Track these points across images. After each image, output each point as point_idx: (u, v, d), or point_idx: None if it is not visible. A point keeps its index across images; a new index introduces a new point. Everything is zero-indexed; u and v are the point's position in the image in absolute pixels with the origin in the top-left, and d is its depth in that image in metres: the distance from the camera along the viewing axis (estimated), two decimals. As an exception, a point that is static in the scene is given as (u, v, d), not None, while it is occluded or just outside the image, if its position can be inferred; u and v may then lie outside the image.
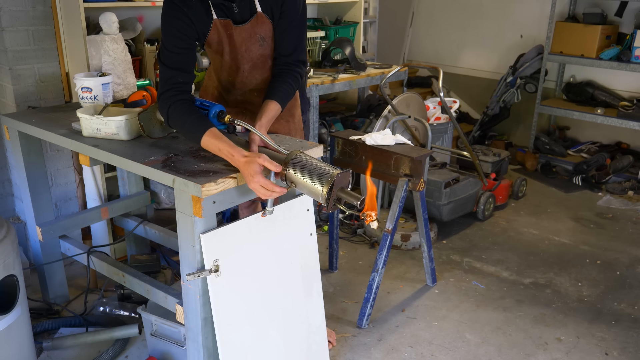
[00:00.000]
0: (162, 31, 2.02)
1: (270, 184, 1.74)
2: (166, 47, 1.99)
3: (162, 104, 1.97)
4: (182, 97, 1.95)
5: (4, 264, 1.99)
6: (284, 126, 2.33)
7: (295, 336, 2.16)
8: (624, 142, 4.79)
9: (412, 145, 2.82)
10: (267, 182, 1.74)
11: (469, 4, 5.49)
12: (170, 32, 1.99)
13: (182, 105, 1.93)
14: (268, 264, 2.02)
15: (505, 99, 4.91)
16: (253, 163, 1.74)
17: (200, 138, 1.87)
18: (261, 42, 2.15)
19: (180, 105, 1.93)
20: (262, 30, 2.12)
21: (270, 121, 2.03)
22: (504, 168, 4.23)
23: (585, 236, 3.72)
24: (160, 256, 2.99)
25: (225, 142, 1.84)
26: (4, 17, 2.71)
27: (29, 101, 2.86)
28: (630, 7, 4.51)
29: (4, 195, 3.15)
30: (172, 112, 1.94)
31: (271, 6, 2.09)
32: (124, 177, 2.92)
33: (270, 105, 2.04)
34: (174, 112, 1.93)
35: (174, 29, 1.99)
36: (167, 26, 2.00)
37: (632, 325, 2.77)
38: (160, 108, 2.00)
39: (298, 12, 2.13)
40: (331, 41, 4.04)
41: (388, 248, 2.71)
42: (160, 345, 2.34)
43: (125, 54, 2.68)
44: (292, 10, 2.11)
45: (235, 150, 1.80)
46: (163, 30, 2.01)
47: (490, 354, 2.55)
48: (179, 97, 1.95)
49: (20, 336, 2.13)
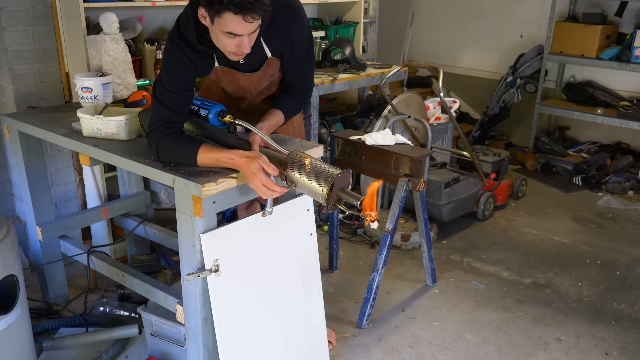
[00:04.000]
0: (162, 68, 1.93)
1: (271, 183, 1.74)
2: (164, 85, 1.90)
3: (151, 139, 1.89)
4: (171, 131, 1.89)
5: (4, 264, 1.99)
6: (283, 129, 2.33)
7: (295, 336, 2.16)
8: (624, 142, 4.79)
9: (412, 145, 2.82)
10: (269, 180, 1.74)
11: (469, 4, 5.49)
12: (171, 73, 1.90)
13: (170, 136, 1.87)
14: (268, 264, 2.02)
15: (505, 99, 4.91)
16: (254, 162, 1.74)
17: (195, 158, 1.83)
18: (269, 79, 2.16)
19: (168, 137, 1.87)
20: (271, 70, 2.11)
21: (272, 127, 2.04)
22: (504, 168, 4.23)
23: (585, 236, 3.72)
24: (160, 256, 2.99)
25: (220, 150, 1.83)
26: (4, 17, 2.71)
27: (29, 101, 2.86)
28: (630, 7, 4.51)
29: (4, 195, 3.15)
30: (161, 146, 1.87)
31: (281, 49, 2.05)
32: (124, 177, 2.92)
33: (274, 113, 2.06)
34: (162, 145, 1.87)
35: (175, 71, 1.90)
36: (168, 67, 1.92)
37: (632, 325, 2.77)
38: (149, 144, 1.91)
39: (305, 44, 2.10)
40: (331, 41, 4.04)
41: (388, 248, 2.71)
42: (160, 345, 2.34)
43: (125, 54, 2.68)
44: (299, 45, 2.07)
45: (232, 153, 1.80)
46: (163, 68, 1.93)
47: (490, 354, 2.55)
48: (168, 131, 1.88)
49: (20, 336, 2.13)
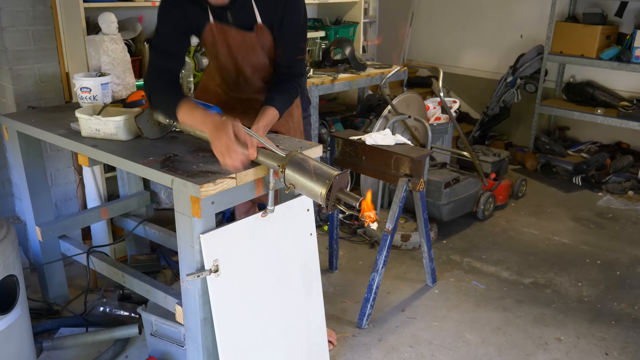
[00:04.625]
0: (158, 18, 2.06)
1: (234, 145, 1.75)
2: (158, 32, 2.05)
3: (146, 86, 2.04)
4: (165, 78, 2.01)
5: (4, 264, 2.00)
6: (283, 125, 2.33)
7: (295, 336, 2.16)
8: (624, 142, 4.79)
9: (412, 145, 2.82)
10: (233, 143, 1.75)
11: (469, 4, 5.49)
12: (164, 19, 2.05)
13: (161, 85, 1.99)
14: (268, 264, 2.02)
15: (505, 99, 4.91)
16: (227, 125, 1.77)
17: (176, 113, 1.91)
18: (261, 51, 2.16)
19: (159, 86, 1.99)
20: (262, 40, 2.12)
21: (268, 126, 2.04)
22: (504, 168, 4.23)
23: (585, 236, 3.72)
24: (160, 256, 2.99)
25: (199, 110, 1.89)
26: (4, 17, 2.71)
27: (29, 101, 2.86)
28: (630, 7, 4.51)
29: (4, 195, 3.15)
30: (152, 94, 2.01)
31: (270, 19, 2.08)
32: (123, 177, 2.92)
33: (268, 111, 2.05)
34: (153, 93, 2.02)
35: (168, 16, 2.04)
36: (162, 13, 2.05)
37: (632, 325, 2.77)
38: (144, 89, 2.06)
39: (296, 25, 2.11)
40: (331, 41, 4.04)
41: (388, 248, 2.71)
42: (160, 345, 2.34)
43: (124, 54, 2.68)
44: (290, 23, 2.09)
45: (210, 116, 1.85)
46: (158, 15, 2.06)
47: (490, 354, 2.55)
48: (161, 78, 2.00)
49: (20, 336, 2.13)
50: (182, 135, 2.19)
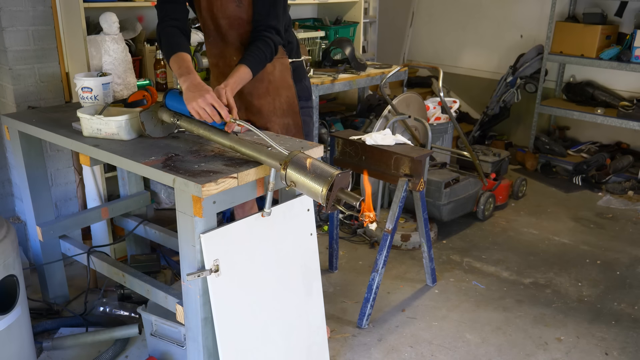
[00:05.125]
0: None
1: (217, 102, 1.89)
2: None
3: (157, 32, 2.21)
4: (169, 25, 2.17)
5: (4, 264, 2.00)
6: (269, 102, 2.37)
7: (295, 336, 2.16)
8: (624, 142, 4.79)
9: (412, 145, 2.82)
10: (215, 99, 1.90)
11: (469, 4, 5.50)
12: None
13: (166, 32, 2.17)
14: (268, 264, 2.02)
15: (505, 99, 4.91)
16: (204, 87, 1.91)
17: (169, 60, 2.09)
18: (238, 3, 2.22)
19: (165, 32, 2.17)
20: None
21: (238, 83, 2.09)
22: (504, 168, 4.23)
23: (585, 236, 3.72)
24: (160, 256, 2.99)
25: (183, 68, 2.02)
26: (4, 17, 2.71)
27: (29, 101, 2.86)
28: (630, 7, 4.51)
29: (4, 195, 3.15)
30: (161, 40, 2.17)
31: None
32: (124, 177, 2.92)
33: (239, 69, 2.11)
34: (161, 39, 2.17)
35: None
36: None
37: (632, 325, 2.77)
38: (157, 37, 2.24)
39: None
40: (331, 41, 4.04)
41: (388, 248, 2.71)
42: (160, 345, 2.34)
43: (125, 54, 2.68)
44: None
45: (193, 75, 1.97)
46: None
47: (490, 354, 2.55)
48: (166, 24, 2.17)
49: (20, 336, 2.13)
50: (184, 135, 2.20)
